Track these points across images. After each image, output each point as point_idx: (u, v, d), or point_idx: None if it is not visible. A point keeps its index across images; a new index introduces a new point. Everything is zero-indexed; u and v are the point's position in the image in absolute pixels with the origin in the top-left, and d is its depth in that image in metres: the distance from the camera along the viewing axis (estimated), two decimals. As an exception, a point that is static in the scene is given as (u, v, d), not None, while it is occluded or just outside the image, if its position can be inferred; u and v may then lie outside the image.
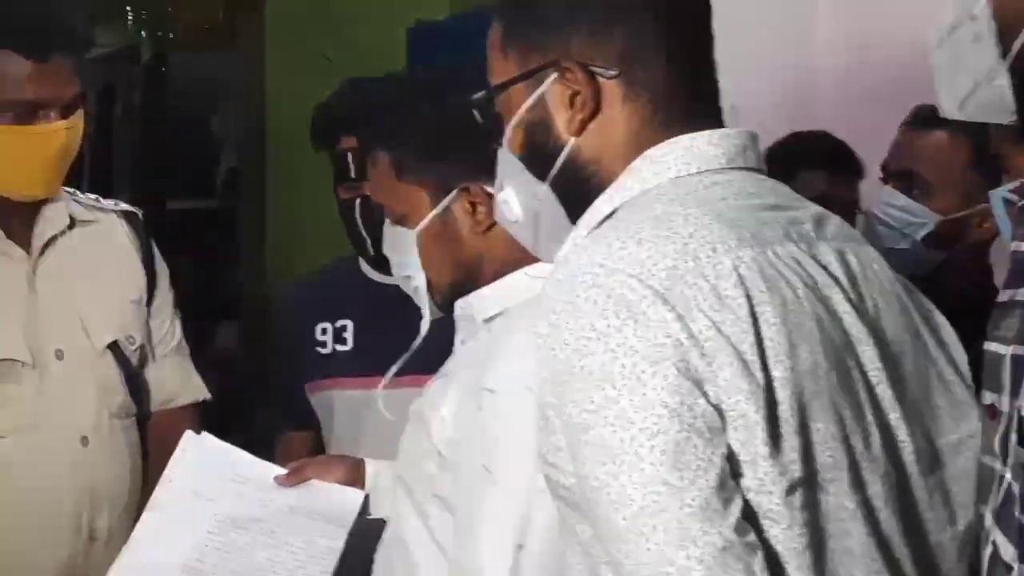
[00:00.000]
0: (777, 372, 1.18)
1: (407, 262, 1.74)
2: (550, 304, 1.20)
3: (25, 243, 2.11)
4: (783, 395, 1.18)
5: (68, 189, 2.23)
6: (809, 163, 2.42)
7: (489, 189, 1.63)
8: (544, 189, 1.36)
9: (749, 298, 1.18)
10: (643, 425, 1.13)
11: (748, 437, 1.16)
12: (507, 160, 1.40)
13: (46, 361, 2.07)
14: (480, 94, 1.40)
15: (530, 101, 1.33)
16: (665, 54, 1.30)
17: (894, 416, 1.28)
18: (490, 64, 1.38)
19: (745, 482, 1.16)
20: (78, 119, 2.07)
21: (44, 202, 2.14)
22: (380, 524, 1.80)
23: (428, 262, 1.72)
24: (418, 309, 1.83)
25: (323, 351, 2.39)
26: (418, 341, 1.79)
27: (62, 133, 2.04)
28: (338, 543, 1.83)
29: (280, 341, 2.54)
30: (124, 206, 2.31)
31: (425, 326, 1.79)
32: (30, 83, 2.00)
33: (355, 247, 2.34)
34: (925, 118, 2.21)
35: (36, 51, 1.99)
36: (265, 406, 2.72)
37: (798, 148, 2.47)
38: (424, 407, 1.68)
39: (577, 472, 1.18)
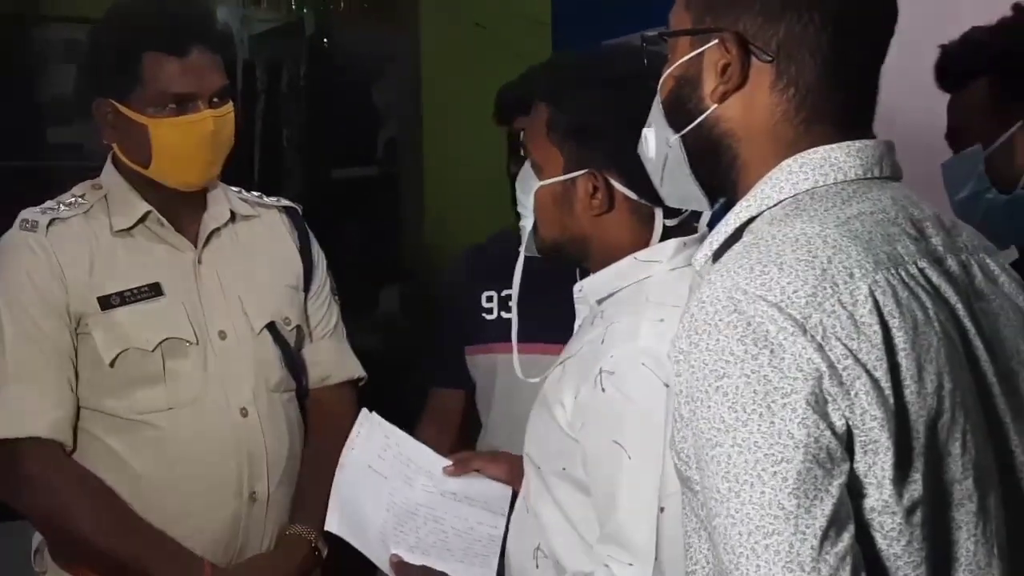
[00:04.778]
0: (907, 397, 1.20)
1: (525, 203, 1.86)
2: (693, 323, 1.22)
3: (191, 235, 2.26)
4: (912, 419, 1.20)
5: (234, 188, 2.37)
6: None
7: (614, 182, 1.77)
8: (675, 139, 1.41)
9: (884, 324, 1.20)
10: (768, 451, 1.16)
11: (876, 461, 1.19)
12: (656, 103, 1.45)
13: (209, 340, 2.22)
14: (654, 32, 1.45)
15: (687, 57, 1.38)
16: (822, 58, 1.31)
17: (1010, 429, 1.32)
18: (675, 7, 1.42)
19: (868, 502, 1.20)
20: (227, 110, 2.18)
21: (208, 197, 2.28)
22: None
23: (541, 213, 1.84)
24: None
25: (489, 317, 2.51)
26: (516, 286, 1.94)
27: (209, 121, 2.14)
28: (498, 531, 1.97)
29: (446, 305, 2.62)
30: (285, 202, 2.45)
31: (520, 263, 1.91)
32: (175, 78, 2.12)
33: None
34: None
35: (176, 48, 2.12)
36: (421, 364, 2.82)
37: None
38: (547, 392, 1.81)
39: (702, 482, 1.22)
